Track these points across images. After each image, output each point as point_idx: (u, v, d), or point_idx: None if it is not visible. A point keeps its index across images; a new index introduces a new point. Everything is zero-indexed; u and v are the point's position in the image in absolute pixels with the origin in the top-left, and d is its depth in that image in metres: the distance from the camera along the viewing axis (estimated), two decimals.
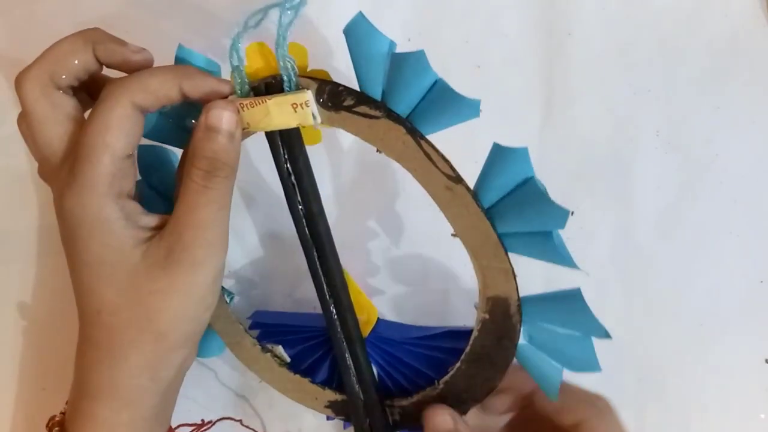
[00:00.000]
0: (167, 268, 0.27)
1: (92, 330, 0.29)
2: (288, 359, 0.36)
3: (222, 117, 0.28)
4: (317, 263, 0.33)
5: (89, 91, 0.31)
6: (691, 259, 0.41)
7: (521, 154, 0.28)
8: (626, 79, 0.41)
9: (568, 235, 0.40)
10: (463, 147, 0.30)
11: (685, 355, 0.40)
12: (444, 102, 0.28)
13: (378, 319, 0.35)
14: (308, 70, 0.30)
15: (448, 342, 0.34)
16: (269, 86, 0.29)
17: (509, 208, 0.28)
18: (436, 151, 0.28)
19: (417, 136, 0.28)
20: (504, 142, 0.40)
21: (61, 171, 0.28)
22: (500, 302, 0.30)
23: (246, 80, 0.29)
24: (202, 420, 0.38)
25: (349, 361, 0.34)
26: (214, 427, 0.38)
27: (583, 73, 0.41)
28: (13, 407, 0.39)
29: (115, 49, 0.29)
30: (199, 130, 0.28)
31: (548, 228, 0.28)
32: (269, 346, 0.36)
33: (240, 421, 0.39)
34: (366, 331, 0.35)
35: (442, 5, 0.41)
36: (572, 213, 0.40)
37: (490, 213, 0.29)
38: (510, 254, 0.29)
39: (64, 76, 0.28)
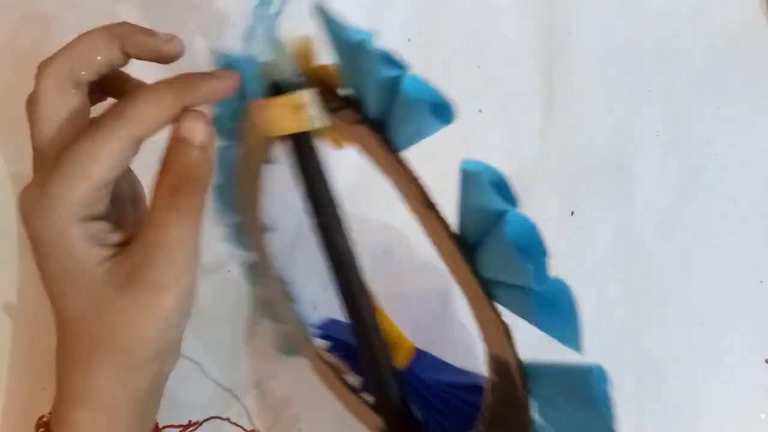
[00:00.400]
0: (130, 287, 0.26)
1: (65, 335, 0.28)
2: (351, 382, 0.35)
3: (195, 128, 0.26)
4: (339, 282, 0.30)
5: (110, 84, 0.29)
6: (691, 259, 0.41)
7: (483, 181, 0.21)
8: (626, 79, 0.41)
9: (568, 235, 0.40)
10: (463, 148, 0.30)
11: (684, 355, 0.40)
12: (408, 105, 0.23)
13: (416, 350, 0.34)
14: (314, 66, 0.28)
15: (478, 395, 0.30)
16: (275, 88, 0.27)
17: (488, 250, 0.22)
18: (405, 170, 0.24)
19: (389, 147, 0.24)
20: (504, 142, 0.40)
21: (44, 170, 0.27)
22: (502, 364, 0.25)
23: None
24: (189, 421, 0.38)
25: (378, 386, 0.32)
26: (202, 427, 0.38)
27: (583, 73, 0.41)
28: (13, 406, 0.39)
29: (145, 41, 0.27)
30: (169, 142, 0.26)
31: (518, 281, 0.22)
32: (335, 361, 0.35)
33: (227, 419, 0.39)
34: (403, 361, 0.33)
35: (442, 5, 0.41)
36: (572, 213, 0.41)
37: (469, 252, 0.23)
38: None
39: (83, 72, 0.27)
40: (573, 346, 0.21)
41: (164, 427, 0.36)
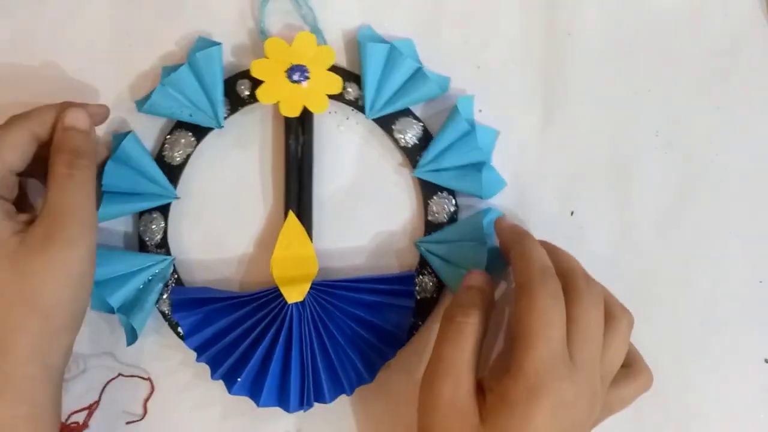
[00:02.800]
0: (44, 247, 0.31)
1: None
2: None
3: (79, 118, 0.34)
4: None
5: None
6: (690, 259, 0.41)
7: None
8: (626, 79, 0.41)
9: (568, 235, 0.40)
10: None
11: (684, 355, 0.40)
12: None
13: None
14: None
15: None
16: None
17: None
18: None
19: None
20: (504, 142, 0.40)
21: None
22: None
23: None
24: (91, 404, 0.38)
25: None
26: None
27: (583, 73, 0.41)
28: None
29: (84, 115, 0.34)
30: (58, 130, 0.33)
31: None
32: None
33: (120, 374, 0.39)
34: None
35: (442, 5, 0.41)
36: (572, 213, 0.41)
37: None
38: None
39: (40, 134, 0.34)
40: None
41: (70, 414, 0.38)
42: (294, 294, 0.37)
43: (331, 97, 0.39)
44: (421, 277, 0.39)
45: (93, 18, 0.40)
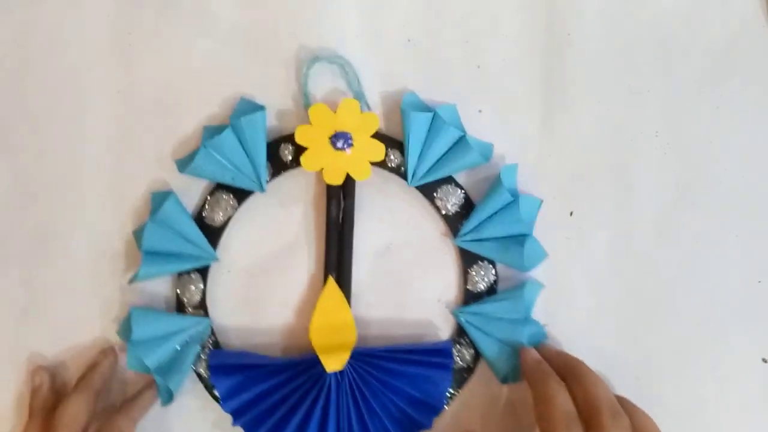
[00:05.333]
0: None
1: None
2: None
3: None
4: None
5: None
6: (690, 259, 0.41)
7: None
8: (626, 79, 0.41)
9: (568, 235, 0.40)
10: None
11: (683, 355, 0.40)
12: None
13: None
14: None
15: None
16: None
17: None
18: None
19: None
20: (504, 143, 0.40)
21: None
22: None
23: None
24: None
25: None
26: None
27: (583, 73, 0.41)
28: (13, 406, 0.39)
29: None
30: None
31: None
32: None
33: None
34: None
35: (442, 5, 0.41)
36: (571, 213, 0.41)
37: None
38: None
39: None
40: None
41: None
42: (333, 363, 0.36)
43: (373, 164, 0.38)
44: (458, 346, 0.39)
45: (93, 19, 0.40)
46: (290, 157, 0.39)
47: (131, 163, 0.40)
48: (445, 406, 0.38)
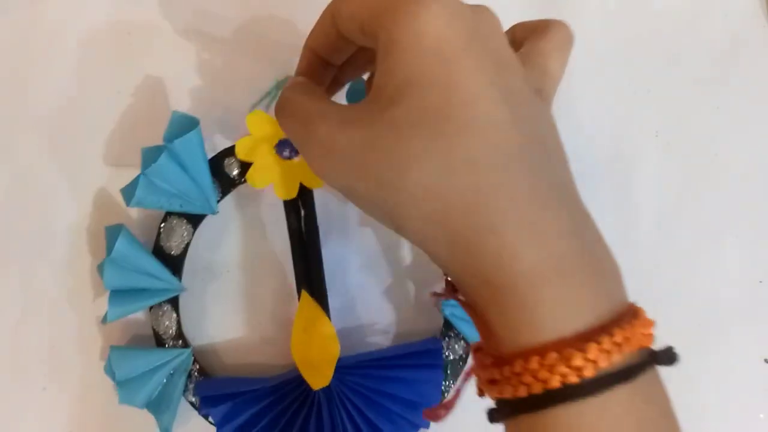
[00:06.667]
0: None
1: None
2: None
3: None
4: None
5: None
6: (690, 259, 0.41)
7: None
8: (626, 79, 0.41)
9: None
10: None
11: (684, 355, 0.40)
12: None
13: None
14: None
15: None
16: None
17: None
18: None
19: None
20: None
21: None
22: None
23: None
24: None
25: None
26: None
27: (583, 72, 0.41)
28: (13, 407, 0.39)
29: None
30: None
31: None
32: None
33: None
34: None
35: None
36: None
37: None
38: None
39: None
40: None
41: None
42: (318, 381, 0.35)
43: None
44: (447, 339, 0.38)
45: (94, 18, 0.40)
46: (236, 172, 0.36)
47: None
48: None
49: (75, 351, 0.39)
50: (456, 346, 0.38)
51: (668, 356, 0.25)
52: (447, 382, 0.38)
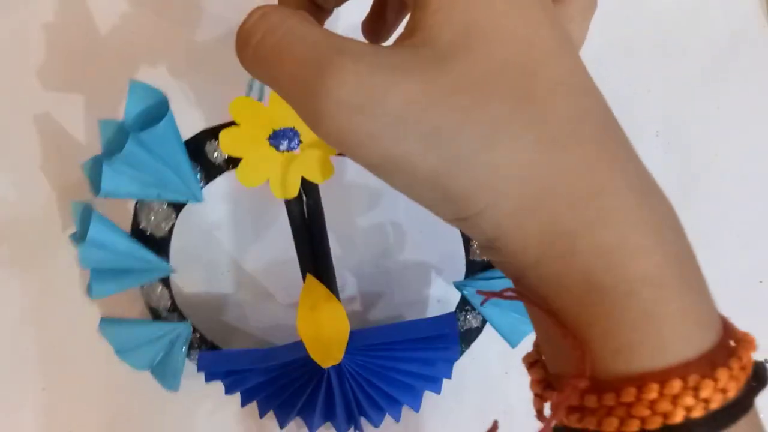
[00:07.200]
0: None
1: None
2: None
3: None
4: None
5: None
6: None
7: None
8: (626, 79, 0.41)
9: None
10: None
11: None
12: None
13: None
14: None
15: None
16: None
17: None
18: None
19: None
20: None
21: None
22: None
23: None
24: None
25: None
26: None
27: None
28: (13, 408, 0.39)
29: None
30: None
31: None
32: None
33: None
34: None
35: None
36: None
37: None
38: None
39: None
40: None
41: None
42: (328, 360, 0.33)
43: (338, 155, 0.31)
44: (464, 313, 0.36)
45: (94, 18, 0.40)
46: (221, 158, 0.30)
47: None
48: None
49: (75, 351, 0.39)
50: (472, 321, 0.37)
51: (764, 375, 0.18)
52: (461, 347, 0.37)
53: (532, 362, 0.20)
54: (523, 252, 0.17)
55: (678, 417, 0.16)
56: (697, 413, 0.16)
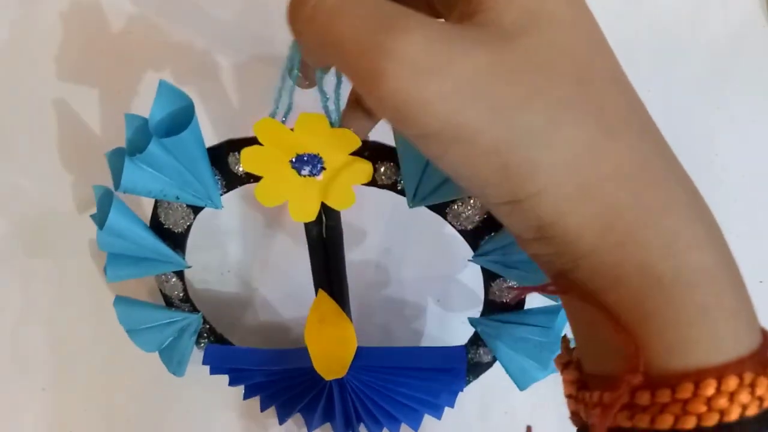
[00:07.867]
0: None
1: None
2: None
3: None
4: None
5: None
6: None
7: None
8: None
9: None
10: None
11: None
12: None
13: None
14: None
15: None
16: None
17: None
18: None
19: None
20: None
21: None
22: None
23: None
24: None
25: None
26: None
27: None
28: (13, 408, 0.39)
29: None
30: None
31: None
32: None
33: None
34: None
35: None
36: None
37: None
38: None
39: None
40: None
41: None
42: (331, 373, 0.33)
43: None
44: (476, 347, 0.36)
45: (94, 17, 0.40)
46: (244, 171, 0.30)
47: None
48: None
49: (75, 351, 0.39)
50: (483, 356, 0.36)
51: None
52: (468, 378, 0.37)
53: (566, 363, 0.19)
54: (578, 240, 0.17)
55: (734, 414, 0.16)
56: (752, 411, 0.16)
